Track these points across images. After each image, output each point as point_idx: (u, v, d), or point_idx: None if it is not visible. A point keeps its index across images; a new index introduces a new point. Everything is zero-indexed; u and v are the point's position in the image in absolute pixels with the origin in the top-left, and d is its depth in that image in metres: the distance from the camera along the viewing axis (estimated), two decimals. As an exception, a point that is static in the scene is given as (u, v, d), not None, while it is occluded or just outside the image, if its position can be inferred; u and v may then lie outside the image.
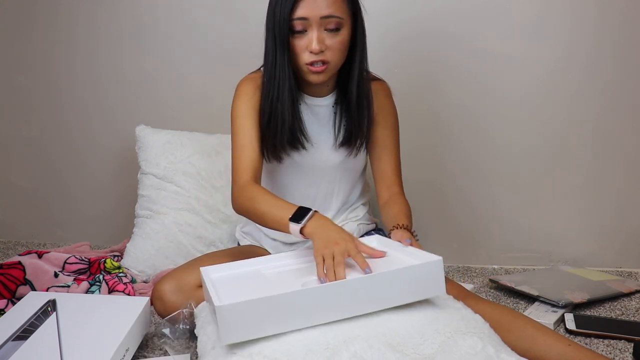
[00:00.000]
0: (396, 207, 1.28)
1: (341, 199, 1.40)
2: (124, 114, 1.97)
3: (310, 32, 1.16)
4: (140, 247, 1.68)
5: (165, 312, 1.23)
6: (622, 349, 1.19)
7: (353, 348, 0.84)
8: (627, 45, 1.63)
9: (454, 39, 1.71)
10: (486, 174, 1.76)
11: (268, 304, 0.87)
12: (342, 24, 1.18)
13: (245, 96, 1.28)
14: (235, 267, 1.14)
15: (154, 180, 1.73)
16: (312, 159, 1.33)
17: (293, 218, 1.09)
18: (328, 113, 1.33)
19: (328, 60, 1.19)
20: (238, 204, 1.22)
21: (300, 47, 1.18)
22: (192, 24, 1.88)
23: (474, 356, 0.86)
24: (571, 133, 1.70)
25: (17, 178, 2.10)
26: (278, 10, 1.16)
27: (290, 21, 1.16)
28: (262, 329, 0.87)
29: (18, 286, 1.45)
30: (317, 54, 1.17)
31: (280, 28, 1.17)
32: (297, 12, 1.15)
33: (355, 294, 0.91)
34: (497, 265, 1.79)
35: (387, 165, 1.36)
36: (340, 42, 1.19)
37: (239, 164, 1.24)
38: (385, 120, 1.37)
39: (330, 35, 1.17)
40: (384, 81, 1.39)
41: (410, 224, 1.23)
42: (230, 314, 0.85)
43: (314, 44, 1.16)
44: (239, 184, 1.22)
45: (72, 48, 1.97)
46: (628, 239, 1.71)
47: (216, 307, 0.85)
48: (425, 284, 0.95)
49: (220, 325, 0.85)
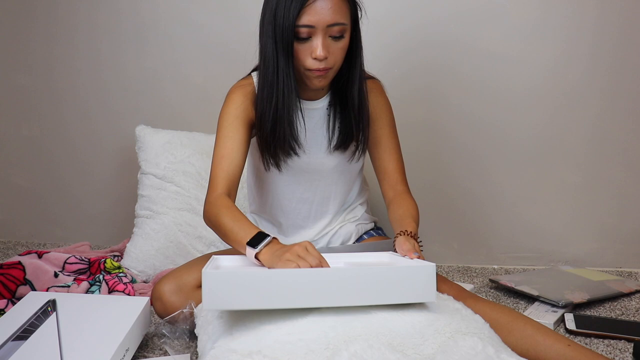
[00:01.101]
0: (401, 209, 1.27)
1: (339, 202, 1.39)
2: (124, 114, 1.97)
3: (315, 39, 1.14)
4: (140, 247, 1.68)
5: (165, 312, 1.23)
6: (622, 349, 1.19)
7: (353, 348, 0.84)
8: (627, 45, 1.63)
9: (455, 41, 1.71)
10: (486, 174, 1.76)
11: (252, 279, 0.90)
12: (346, 30, 1.16)
13: (232, 104, 1.26)
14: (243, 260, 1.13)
15: (154, 180, 1.73)
16: (307, 163, 1.32)
17: (250, 242, 1.06)
18: (322, 116, 1.32)
19: (330, 66, 1.18)
20: (206, 217, 1.20)
21: (303, 52, 1.16)
22: (192, 24, 1.88)
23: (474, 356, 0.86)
24: (571, 133, 1.70)
25: (17, 178, 2.10)
26: (281, 16, 1.13)
27: (294, 27, 1.13)
28: (243, 302, 0.90)
29: (18, 286, 1.45)
30: (321, 61, 1.15)
31: (284, 34, 1.14)
32: (303, 19, 1.12)
33: (342, 283, 0.92)
34: (497, 265, 1.79)
35: (388, 164, 1.34)
36: (342, 47, 1.18)
37: (215, 176, 1.22)
38: (381, 118, 1.35)
39: (333, 42, 1.16)
40: (376, 79, 1.38)
41: (416, 227, 1.21)
42: (214, 281, 0.89)
43: (319, 50, 1.13)
44: (210, 197, 1.20)
45: (72, 48, 1.97)
46: (628, 239, 1.71)
47: (203, 273, 0.90)
48: (415, 288, 0.95)
49: (204, 290, 0.90)
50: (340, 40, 1.17)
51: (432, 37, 1.73)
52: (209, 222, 1.20)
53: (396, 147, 1.35)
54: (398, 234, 1.17)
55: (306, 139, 1.30)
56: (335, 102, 1.30)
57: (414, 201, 1.30)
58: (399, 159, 1.35)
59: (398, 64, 1.75)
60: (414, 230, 1.18)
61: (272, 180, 1.35)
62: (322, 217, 1.39)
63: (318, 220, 1.39)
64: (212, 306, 0.91)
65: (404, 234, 1.16)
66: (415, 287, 0.94)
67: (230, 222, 1.13)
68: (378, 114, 1.35)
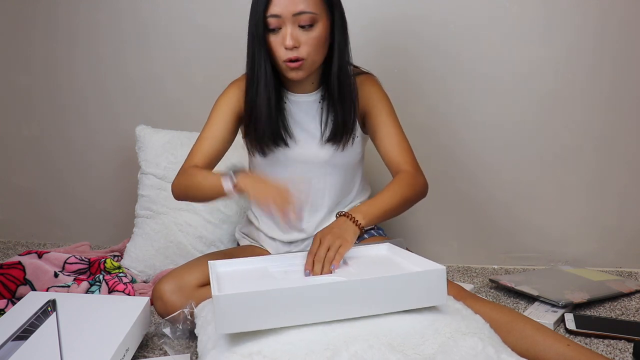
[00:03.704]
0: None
1: (333, 196, 1.39)
2: (124, 114, 1.97)
3: (284, 29, 1.18)
4: (140, 247, 1.68)
5: (165, 312, 1.23)
6: (622, 349, 1.19)
7: (353, 348, 0.84)
8: (630, 45, 1.62)
9: (457, 41, 1.71)
10: (486, 175, 1.76)
11: (264, 298, 0.88)
12: (316, 19, 1.19)
13: (225, 96, 1.34)
14: (243, 263, 1.15)
15: (154, 180, 1.73)
16: (299, 155, 1.33)
17: (225, 178, 1.12)
18: (315, 109, 1.34)
19: (303, 57, 1.20)
20: (175, 184, 1.27)
21: (275, 43, 1.20)
22: (192, 24, 1.88)
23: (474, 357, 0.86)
24: (571, 133, 1.70)
25: (17, 178, 2.10)
26: (254, 9, 1.20)
27: (264, 18, 1.18)
28: (257, 322, 0.88)
29: (18, 286, 1.45)
30: (291, 50, 1.19)
31: (256, 25, 1.20)
32: (270, 9, 1.17)
33: (353, 295, 0.91)
34: (497, 265, 1.79)
35: (391, 152, 1.33)
36: (315, 37, 1.20)
37: (192, 152, 1.30)
38: (377, 108, 1.35)
39: (304, 32, 1.19)
40: (370, 74, 1.39)
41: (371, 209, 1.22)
42: (227, 304, 0.87)
43: (287, 40, 1.18)
44: (182, 167, 1.28)
45: (72, 48, 1.97)
46: (628, 239, 1.71)
47: (214, 297, 0.88)
48: (426, 292, 0.94)
49: (217, 314, 0.87)
50: (312, 30, 1.20)
51: (432, 36, 1.73)
52: (178, 187, 1.26)
53: (395, 131, 1.34)
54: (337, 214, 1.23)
55: (298, 131, 1.33)
56: (326, 95, 1.32)
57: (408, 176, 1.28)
58: (399, 142, 1.33)
59: (398, 64, 1.74)
60: (353, 213, 1.19)
61: (263, 173, 1.36)
62: (316, 210, 1.39)
63: (313, 214, 1.39)
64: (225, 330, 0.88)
65: (339, 215, 1.21)
66: (427, 291, 0.94)
67: (201, 177, 1.20)
68: (372, 103, 1.35)
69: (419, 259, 1.06)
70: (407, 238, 1.74)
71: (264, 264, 1.15)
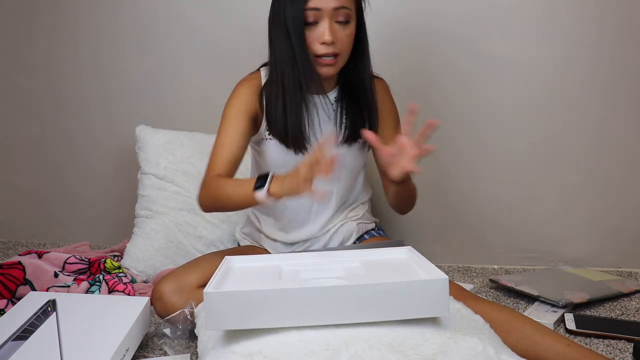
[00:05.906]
0: None
1: (340, 197, 1.40)
2: (124, 114, 1.97)
3: (322, 24, 1.17)
4: (140, 247, 1.68)
5: (165, 312, 1.23)
6: (622, 349, 1.19)
7: (353, 349, 0.84)
8: (628, 46, 1.63)
9: (454, 41, 1.71)
10: (487, 174, 1.76)
11: (254, 297, 0.87)
12: (351, 16, 1.20)
13: (237, 97, 1.29)
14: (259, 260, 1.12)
15: (154, 180, 1.73)
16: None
17: (256, 188, 1.09)
18: (329, 110, 1.33)
19: (339, 53, 1.20)
20: (202, 196, 1.23)
21: (311, 38, 1.19)
22: (192, 25, 1.88)
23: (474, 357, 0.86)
24: (571, 133, 1.70)
25: (18, 178, 2.10)
26: (290, 2, 1.17)
27: (303, 11, 1.16)
28: (247, 321, 0.87)
29: (18, 286, 1.45)
30: (329, 45, 1.18)
31: (295, 20, 1.17)
32: (310, 2, 1.16)
33: (346, 300, 0.88)
34: (497, 265, 1.79)
35: None
36: (350, 35, 1.21)
37: (213, 161, 1.26)
38: (387, 118, 1.37)
39: (340, 28, 1.19)
40: (382, 79, 1.40)
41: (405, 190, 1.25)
42: (216, 301, 0.87)
43: (326, 34, 1.17)
44: (206, 179, 1.24)
45: (73, 48, 1.97)
46: (628, 239, 1.71)
47: (204, 293, 0.87)
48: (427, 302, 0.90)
49: (206, 311, 0.88)
50: (347, 26, 1.20)
51: (432, 36, 1.72)
52: (206, 199, 1.23)
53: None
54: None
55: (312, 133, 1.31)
56: (343, 96, 1.31)
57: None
58: None
59: (397, 63, 1.74)
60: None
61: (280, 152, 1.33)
62: (323, 211, 1.39)
63: (319, 215, 1.39)
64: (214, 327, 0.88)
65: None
66: (427, 301, 0.89)
67: (230, 188, 1.17)
68: (384, 114, 1.36)
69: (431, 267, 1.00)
70: (407, 238, 1.74)
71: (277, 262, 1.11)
